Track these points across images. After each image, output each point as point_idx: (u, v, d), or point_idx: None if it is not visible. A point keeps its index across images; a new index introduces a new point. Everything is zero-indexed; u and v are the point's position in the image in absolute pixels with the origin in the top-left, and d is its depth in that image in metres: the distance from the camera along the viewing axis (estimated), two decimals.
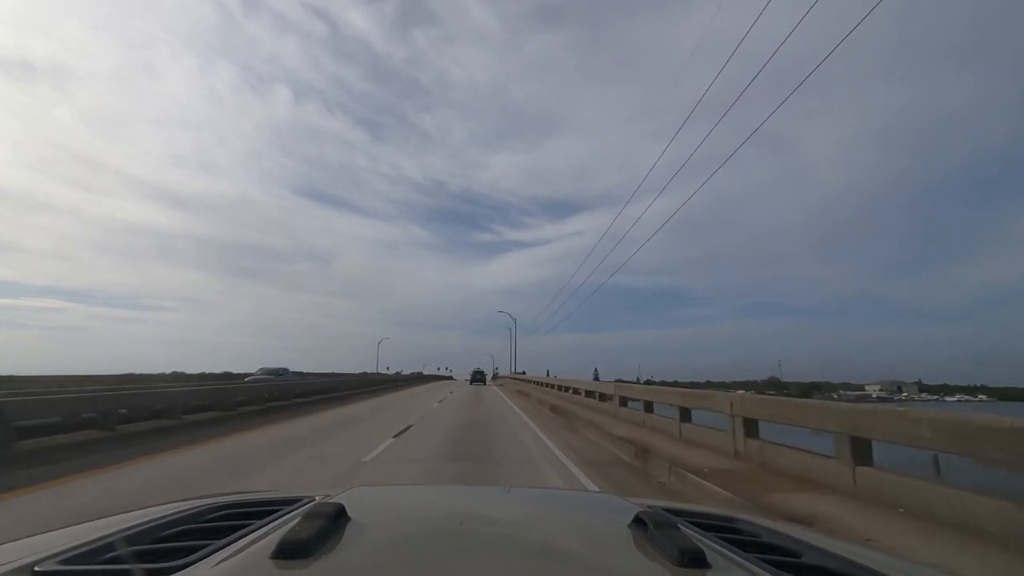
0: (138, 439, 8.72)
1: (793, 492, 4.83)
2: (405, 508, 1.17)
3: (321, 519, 0.78)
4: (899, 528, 3.76)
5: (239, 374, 31.35)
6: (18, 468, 6.20)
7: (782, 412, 5.97)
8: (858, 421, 4.63)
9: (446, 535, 0.88)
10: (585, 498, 1.63)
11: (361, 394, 24.09)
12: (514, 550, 0.83)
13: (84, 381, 22.51)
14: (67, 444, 7.76)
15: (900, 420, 4.25)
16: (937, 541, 3.47)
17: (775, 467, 5.77)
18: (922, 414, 4.08)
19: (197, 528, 0.91)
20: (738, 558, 0.78)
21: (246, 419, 11.97)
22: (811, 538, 0.96)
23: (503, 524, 1.02)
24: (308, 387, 20.08)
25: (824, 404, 5.74)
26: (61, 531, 0.89)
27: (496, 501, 1.32)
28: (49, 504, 4.81)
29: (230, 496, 1.19)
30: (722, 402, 7.15)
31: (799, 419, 5.59)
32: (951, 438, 3.75)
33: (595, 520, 1.11)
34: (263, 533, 0.81)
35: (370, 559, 0.74)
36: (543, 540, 0.89)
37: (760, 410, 6.38)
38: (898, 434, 4.23)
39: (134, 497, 5.01)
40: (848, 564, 0.80)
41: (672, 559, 0.71)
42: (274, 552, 0.68)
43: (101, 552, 0.75)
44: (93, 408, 9.03)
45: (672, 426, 8.82)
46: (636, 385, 13.93)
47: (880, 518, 4.00)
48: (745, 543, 0.89)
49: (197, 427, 10.39)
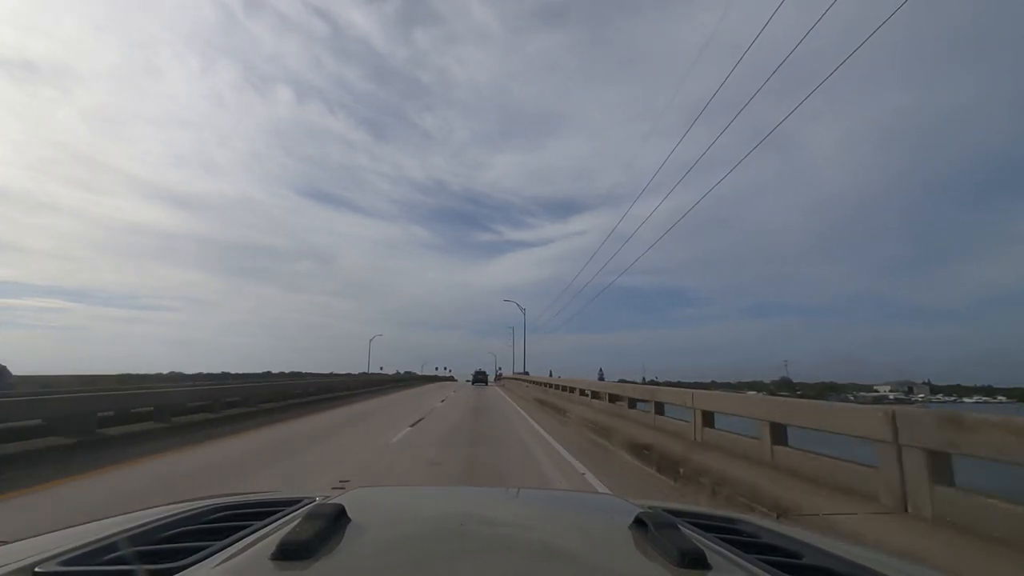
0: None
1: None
2: (405, 509, 1.17)
3: (322, 520, 0.78)
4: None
5: (236, 375, 32.64)
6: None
7: (818, 418, 5.06)
8: (954, 437, 3.55)
9: (447, 536, 0.89)
10: (586, 499, 1.64)
11: (298, 407, 15.45)
12: (515, 551, 0.83)
13: (99, 381, 22.14)
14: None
15: (1001, 432, 3.24)
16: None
17: (833, 483, 4.71)
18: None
19: (198, 529, 0.91)
20: (739, 559, 0.78)
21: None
22: (812, 539, 0.96)
23: (504, 525, 1.02)
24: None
25: (885, 410, 4.32)
26: (62, 532, 0.89)
27: (497, 502, 1.32)
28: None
29: (231, 497, 1.20)
30: (758, 407, 6.22)
31: (843, 426, 4.65)
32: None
33: (595, 521, 1.11)
34: (264, 534, 0.82)
35: (371, 560, 0.74)
36: (544, 541, 0.90)
37: (793, 415, 5.53)
38: (999, 449, 3.24)
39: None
40: (849, 565, 0.80)
41: (673, 560, 0.71)
42: (275, 553, 0.68)
43: (102, 553, 0.76)
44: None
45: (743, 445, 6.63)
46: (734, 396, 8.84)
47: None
48: (746, 544, 0.90)
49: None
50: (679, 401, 8.64)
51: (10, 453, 6.64)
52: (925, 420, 3.95)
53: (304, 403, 16.64)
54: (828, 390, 78.32)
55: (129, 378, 26.37)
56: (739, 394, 9.37)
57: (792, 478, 5.15)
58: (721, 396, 8.16)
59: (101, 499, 5.00)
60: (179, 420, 10.20)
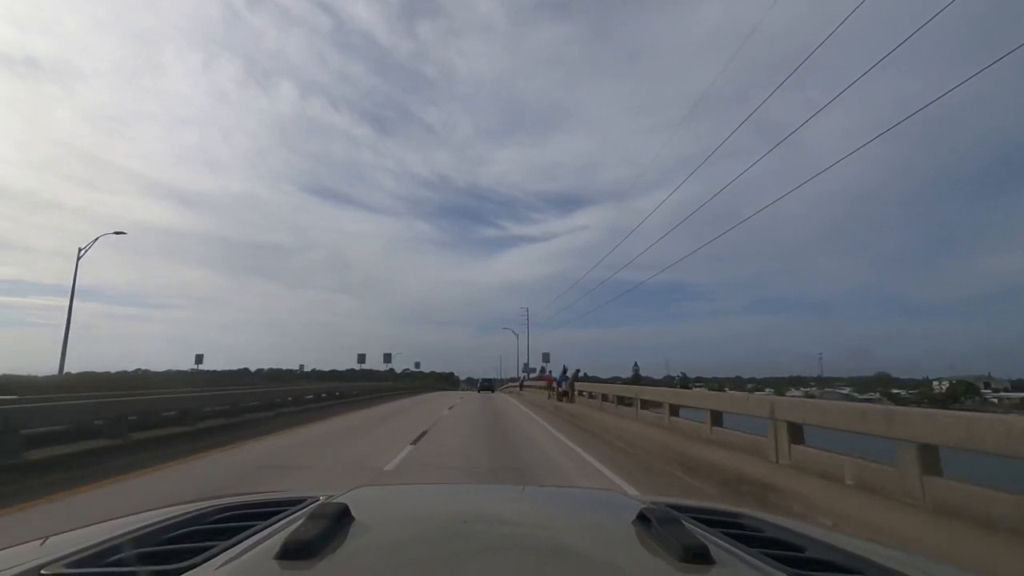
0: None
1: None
2: (409, 508, 1.17)
3: (325, 520, 0.78)
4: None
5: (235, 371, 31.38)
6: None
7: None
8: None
9: (451, 535, 0.88)
10: (588, 495, 1.57)
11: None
12: (519, 549, 0.83)
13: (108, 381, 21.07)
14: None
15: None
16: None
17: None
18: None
19: (202, 530, 0.90)
20: (742, 553, 0.77)
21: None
22: (815, 532, 0.96)
23: (508, 523, 1.02)
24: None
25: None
26: (66, 534, 0.89)
27: (500, 499, 1.32)
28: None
29: (235, 497, 1.19)
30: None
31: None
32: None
33: (598, 517, 1.11)
34: (268, 534, 0.81)
35: (375, 559, 0.74)
36: (547, 538, 0.90)
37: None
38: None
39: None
40: (852, 558, 0.80)
41: (676, 555, 0.70)
42: (278, 553, 0.68)
43: (107, 555, 0.76)
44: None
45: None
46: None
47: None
48: (749, 538, 0.89)
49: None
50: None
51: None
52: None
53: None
54: (963, 393, 53.74)
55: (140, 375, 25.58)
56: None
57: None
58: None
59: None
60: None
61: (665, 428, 10.10)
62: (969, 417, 3.98)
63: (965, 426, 3.87)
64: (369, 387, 29.35)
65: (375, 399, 24.29)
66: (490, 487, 1.97)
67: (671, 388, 16.21)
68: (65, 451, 7.08)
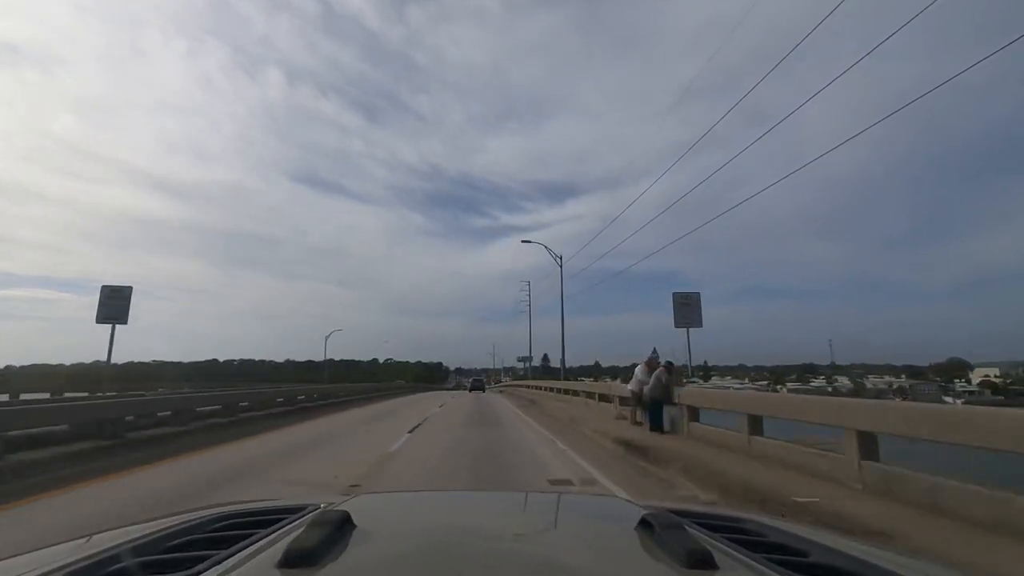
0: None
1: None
2: (411, 515, 1.17)
3: (327, 527, 0.78)
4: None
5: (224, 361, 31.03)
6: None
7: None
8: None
9: (453, 542, 0.89)
10: (591, 501, 1.64)
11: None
12: (522, 556, 0.83)
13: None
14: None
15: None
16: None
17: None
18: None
19: (203, 538, 0.90)
20: (746, 558, 0.77)
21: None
22: (819, 537, 0.95)
23: (510, 530, 1.02)
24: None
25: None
26: (66, 544, 0.89)
27: (502, 506, 1.33)
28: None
29: (235, 505, 1.19)
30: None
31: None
32: None
33: (601, 523, 1.12)
34: (269, 542, 0.81)
35: (377, 567, 0.74)
36: (551, 544, 0.91)
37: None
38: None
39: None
40: (857, 563, 0.79)
41: (679, 560, 0.70)
42: (280, 561, 0.68)
43: (107, 564, 0.75)
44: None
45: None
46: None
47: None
48: (752, 543, 0.89)
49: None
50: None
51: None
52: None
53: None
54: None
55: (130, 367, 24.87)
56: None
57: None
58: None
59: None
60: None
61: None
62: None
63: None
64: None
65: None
66: (492, 494, 1.99)
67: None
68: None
